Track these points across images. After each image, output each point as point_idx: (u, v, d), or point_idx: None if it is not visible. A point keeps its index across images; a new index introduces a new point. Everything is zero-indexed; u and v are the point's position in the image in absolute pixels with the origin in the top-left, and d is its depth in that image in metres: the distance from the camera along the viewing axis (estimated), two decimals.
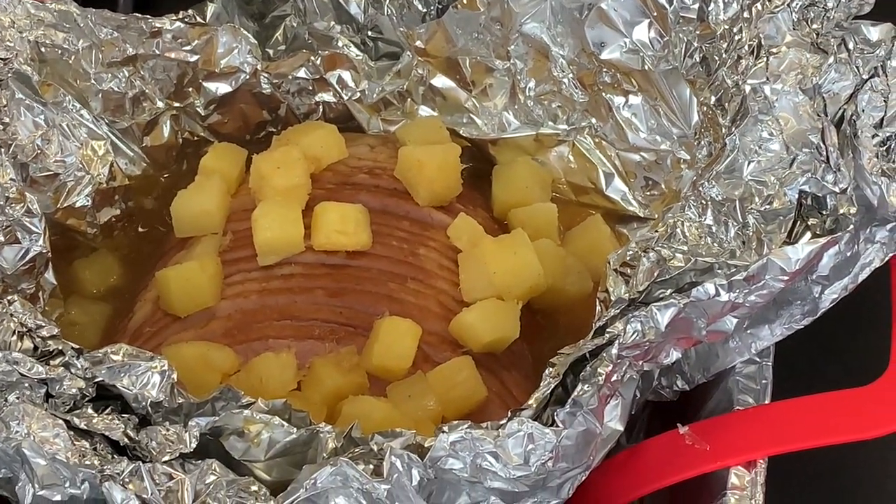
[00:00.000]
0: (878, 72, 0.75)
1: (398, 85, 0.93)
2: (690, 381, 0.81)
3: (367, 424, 0.72)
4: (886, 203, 0.72)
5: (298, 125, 0.92)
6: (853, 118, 0.75)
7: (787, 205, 0.75)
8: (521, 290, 0.83)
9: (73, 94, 0.89)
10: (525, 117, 0.92)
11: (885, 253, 0.75)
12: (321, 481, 0.67)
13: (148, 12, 0.93)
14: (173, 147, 0.93)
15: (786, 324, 0.78)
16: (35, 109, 0.87)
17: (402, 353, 0.80)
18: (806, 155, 0.76)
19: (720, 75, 0.84)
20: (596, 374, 0.70)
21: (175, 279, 0.83)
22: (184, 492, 0.69)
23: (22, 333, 0.74)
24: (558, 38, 0.90)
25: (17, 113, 0.86)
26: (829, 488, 0.88)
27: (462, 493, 0.70)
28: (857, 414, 0.75)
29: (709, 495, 0.75)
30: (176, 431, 0.71)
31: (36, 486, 0.71)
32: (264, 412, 0.70)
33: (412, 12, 0.91)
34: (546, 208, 0.89)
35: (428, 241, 0.87)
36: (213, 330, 0.82)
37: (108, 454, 0.71)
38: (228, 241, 0.86)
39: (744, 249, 0.75)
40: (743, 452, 0.75)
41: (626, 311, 0.73)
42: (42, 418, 0.70)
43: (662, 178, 0.90)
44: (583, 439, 0.70)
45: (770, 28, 0.81)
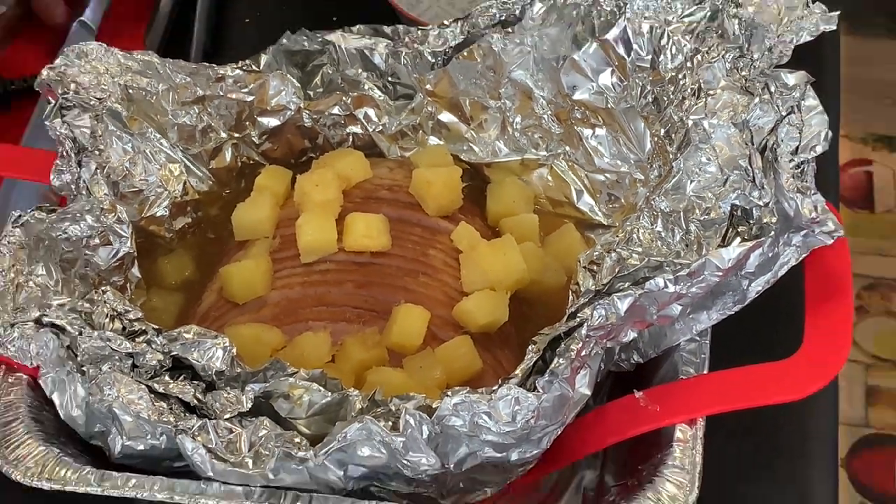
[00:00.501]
0: (794, 110, 0.76)
1: (412, 120, 0.94)
2: (644, 355, 0.82)
3: (386, 390, 0.74)
4: (801, 214, 0.73)
5: (333, 152, 0.93)
6: (774, 146, 0.76)
7: (721, 215, 0.77)
8: (509, 283, 0.85)
9: (155, 126, 0.89)
10: (513, 145, 0.93)
11: (800, 254, 0.76)
12: (350, 435, 0.69)
13: (214, 61, 0.94)
14: (233, 169, 0.93)
15: (720, 310, 0.79)
16: (124, 139, 0.87)
17: (415, 333, 0.81)
18: (736, 176, 0.77)
19: (668, 112, 0.85)
20: (569, 350, 0.72)
21: (235, 274, 0.85)
22: (241, 443, 0.72)
23: (113, 316, 0.76)
24: (539, 83, 0.91)
25: (109, 141, 0.87)
26: (755, 442, 0.88)
27: (462, 444, 0.71)
28: (777, 382, 0.76)
29: (659, 446, 0.76)
30: (235, 395, 0.73)
31: (124, 438, 0.73)
32: (305, 380, 0.72)
33: (423, 62, 0.91)
34: (529, 218, 0.90)
35: (436, 243, 0.88)
36: (264, 314, 0.83)
37: (181, 413, 0.73)
38: (277, 243, 0.88)
39: (687, 251, 0.77)
40: (686, 413, 0.76)
41: (593, 300, 0.74)
42: (129, 384, 0.72)
43: (622, 194, 0.90)
44: (558, 402, 0.72)
45: (708, 75, 0.83)
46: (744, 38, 0.82)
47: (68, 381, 0.74)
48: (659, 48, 0.86)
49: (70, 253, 0.82)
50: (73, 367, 0.74)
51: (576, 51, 0.89)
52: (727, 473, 0.84)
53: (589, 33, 0.88)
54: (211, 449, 0.72)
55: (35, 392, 0.78)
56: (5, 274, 0.78)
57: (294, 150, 0.95)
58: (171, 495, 0.73)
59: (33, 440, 0.76)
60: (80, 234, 0.82)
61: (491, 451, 0.72)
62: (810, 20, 0.80)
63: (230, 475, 0.72)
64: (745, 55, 0.81)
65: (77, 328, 0.74)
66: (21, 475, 0.74)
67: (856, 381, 1.97)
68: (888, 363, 2.00)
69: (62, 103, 0.85)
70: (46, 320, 0.75)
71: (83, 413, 0.74)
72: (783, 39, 0.80)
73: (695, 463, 0.74)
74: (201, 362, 0.73)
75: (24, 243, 0.80)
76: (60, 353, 0.74)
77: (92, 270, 0.83)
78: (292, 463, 0.71)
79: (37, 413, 0.77)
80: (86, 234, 0.83)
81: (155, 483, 0.73)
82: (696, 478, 0.74)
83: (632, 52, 0.87)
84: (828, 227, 0.74)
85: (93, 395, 0.73)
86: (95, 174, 0.85)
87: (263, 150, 0.94)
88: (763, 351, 0.77)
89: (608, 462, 0.84)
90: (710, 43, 0.83)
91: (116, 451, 0.74)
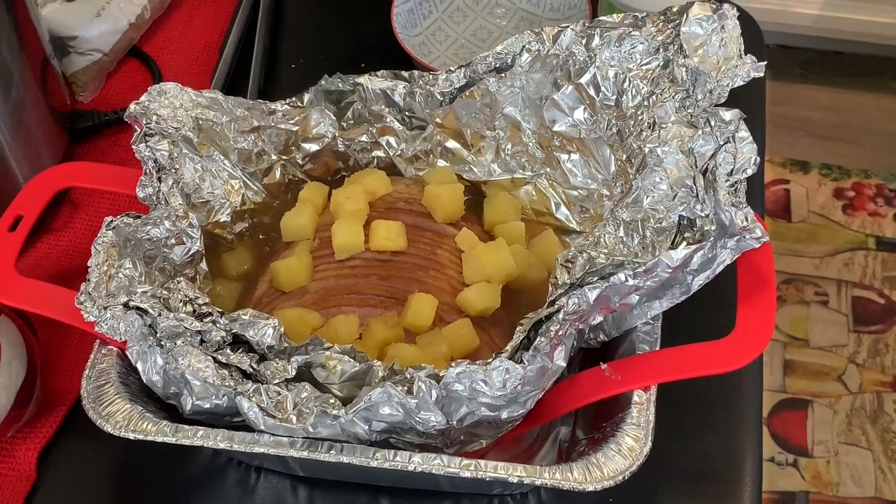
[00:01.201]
0: (730, 140, 0.76)
1: (424, 146, 0.93)
2: (608, 335, 0.81)
3: (403, 362, 0.74)
4: (734, 223, 0.73)
5: (361, 171, 0.93)
6: (713, 169, 0.75)
7: (671, 224, 0.76)
8: (501, 276, 0.84)
9: (219, 150, 0.89)
10: (504, 167, 0.93)
11: (734, 255, 0.76)
12: (374, 397, 0.69)
13: (266, 98, 0.93)
14: (282, 184, 0.92)
15: (670, 300, 0.79)
16: (195, 160, 0.87)
17: (426, 316, 0.80)
18: (683, 192, 0.77)
19: (629, 142, 0.85)
20: (549, 330, 0.72)
21: (282, 268, 0.84)
22: (287, 403, 0.72)
23: (186, 301, 0.76)
24: (526, 117, 0.91)
25: (183, 162, 0.86)
26: (698, 404, 0.88)
27: (463, 405, 0.71)
28: (715, 357, 0.76)
29: (620, 408, 0.76)
30: (282, 364, 0.72)
31: (193, 398, 0.73)
32: (338, 353, 0.72)
33: (433, 100, 0.91)
34: (518, 225, 0.89)
35: (443, 245, 0.87)
36: (306, 300, 0.83)
37: (239, 379, 0.73)
38: (316, 244, 0.87)
39: (643, 252, 0.76)
40: (642, 381, 0.76)
41: (568, 291, 0.74)
42: (198, 355, 0.72)
43: (591, 207, 0.90)
44: (540, 372, 0.71)
45: (661, 111, 0.82)
46: (690, 82, 0.81)
47: (149, 352, 0.74)
48: (622, 90, 0.85)
49: (151, 251, 0.82)
50: (154, 341, 0.74)
51: (555, 92, 0.88)
52: (676, 430, 0.84)
53: (566, 78, 0.87)
54: (263, 407, 0.71)
55: (123, 361, 0.78)
56: (100, 267, 0.78)
57: (330, 170, 0.94)
58: (230, 444, 0.73)
59: (121, 400, 0.76)
60: (159, 236, 0.82)
61: (486, 411, 0.72)
62: (743, 68, 0.79)
63: (278, 429, 0.72)
64: (691, 96, 0.81)
65: (157, 310, 0.74)
66: (111, 427, 0.74)
67: (776, 355, 1.97)
68: (800, 341, 2.00)
69: (146, 131, 0.84)
70: (132, 304, 0.75)
71: (161, 378, 0.74)
72: (721, 83, 0.79)
73: (648, 421, 0.74)
74: (256, 338, 0.73)
75: (115, 242, 0.80)
76: (143, 331, 0.74)
77: (169, 265, 0.83)
78: (328, 419, 0.71)
79: (124, 378, 0.77)
80: (164, 235, 0.82)
81: (218, 434, 0.73)
82: (650, 433, 0.74)
83: (600, 93, 0.87)
84: (756, 234, 0.73)
85: (169, 364, 0.73)
86: (172, 188, 0.84)
87: (306, 170, 0.93)
88: (704, 332, 0.77)
89: (579, 420, 0.84)
90: (663, 86, 0.83)
91: (188, 408, 0.74)
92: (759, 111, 1.09)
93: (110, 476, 0.84)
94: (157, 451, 0.79)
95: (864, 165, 2.26)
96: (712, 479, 0.85)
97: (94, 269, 0.78)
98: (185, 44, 1.14)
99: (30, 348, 0.84)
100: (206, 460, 0.85)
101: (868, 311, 2.03)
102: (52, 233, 0.99)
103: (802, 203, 2.21)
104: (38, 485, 0.84)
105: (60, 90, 1.04)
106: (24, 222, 0.86)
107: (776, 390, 1.93)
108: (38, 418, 0.86)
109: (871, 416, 1.89)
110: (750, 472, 0.85)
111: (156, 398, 0.78)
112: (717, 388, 0.89)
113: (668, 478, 0.84)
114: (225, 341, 0.74)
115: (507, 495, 0.83)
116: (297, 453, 0.72)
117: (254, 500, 0.83)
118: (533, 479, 0.72)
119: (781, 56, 2.42)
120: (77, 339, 0.91)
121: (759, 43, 1.14)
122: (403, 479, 0.80)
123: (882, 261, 2.10)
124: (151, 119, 0.85)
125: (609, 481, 0.71)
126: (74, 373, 0.81)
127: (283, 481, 0.84)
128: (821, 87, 2.40)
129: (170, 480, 0.84)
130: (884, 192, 2.22)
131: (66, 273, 0.95)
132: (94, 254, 0.79)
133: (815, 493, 1.80)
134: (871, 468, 1.82)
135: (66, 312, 0.79)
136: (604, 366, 0.77)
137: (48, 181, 0.89)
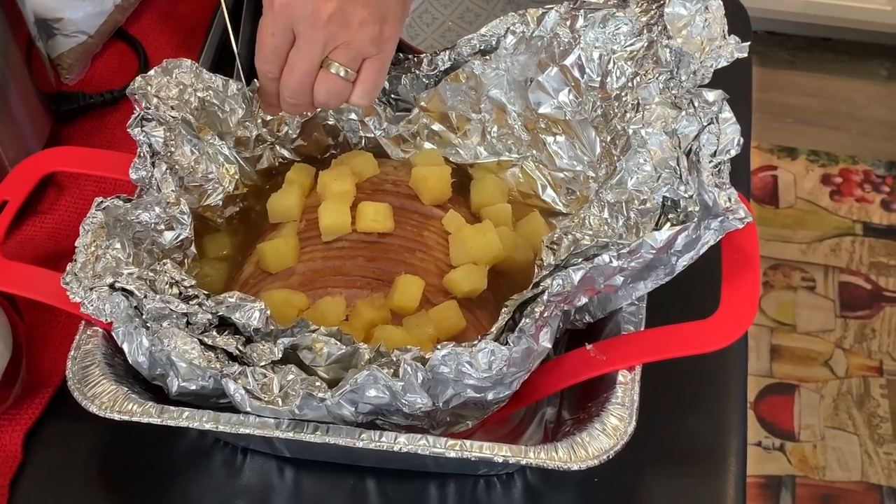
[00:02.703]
0: (713, 121, 0.76)
1: (410, 128, 0.93)
2: (593, 316, 0.81)
3: (389, 344, 0.74)
4: (717, 204, 0.73)
5: (348, 153, 0.93)
6: (697, 150, 0.76)
7: (655, 205, 0.77)
8: (487, 258, 0.84)
9: (217, 134, 0.89)
10: (491, 150, 0.93)
11: (717, 236, 0.75)
12: (360, 380, 0.69)
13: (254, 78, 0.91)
14: (273, 168, 0.93)
15: (654, 280, 0.79)
16: (192, 142, 0.87)
17: (413, 298, 0.81)
18: (667, 174, 0.77)
19: (613, 123, 0.85)
20: (534, 312, 0.72)
21: (269, 249, 0.84)
22: (273, 385, 0.72)
23: (172, 283, 0.76)
24: (511, 100, 0.91)
25: (180, 143, 0.86)
26: (680, 383, 0.88)
27: (449, 387, 0.71)
28: (700, 336, 0.76)
29: (605, 388, 0.76)
30: (269, 347, 0.72)
31: (179, 380, 0.73)
32: (325, 335, 0.72)
33: (419, 83, 0.91)
34: (504, 207, 0.90)
35: (430, 227, 0.87)
36: (292, 282, 0.83)
37: (225, 361, 0.73)
38: (303, 225, 0.87)
39: (628, 234, 0.77)
40: (626, 361, 0.76)
41: (553, 272, 0.74)
42: (184, 337, 0.72)
43: (577, 188, 0.90)
44: (525, 353, 0.72)
45: (645, 93, 0.82)
46: (674, 63, 0.81)
47: (135, 333, 0.74)
48: (606, 71, 0.85)
49: (141, 233, 0.82)
50: (140, 323, 0.74)
51: (540, 74, 0.88)
52: (661, 412, 0.84)
53: (551, 60, 0.88)
54: (249, 390, 0.71)
55: (108, 343, 0.78)
56: (87, 248, 0.78)
57: (321, 146, 0.94)
58: (216, 425, 0.73)
59: (107, 381, 0.76)
60: (149, 220, 0.82)
61: (472, 392, 0.72)
62: (727, 49, 0.79)
63: (264, 410, 0.72)
64: (675, 77, 0.81)
65: (143, 292, 0.74)
66: (97, 408, 0.74)
67: (762, 340, 1.98)
68: (787, 327, 2.00)
69: (144, 115, 0.84)
70: (118, 285, 0.75)
71: (147, 359, 0.74)
72: (705, 64, 0.79)
73: (633, 400, 0.74)
74: (242, 321, 0.73)
75: (105, 223, 0.80)
76: (129, 312, 0.74)
77: (157, 248, 0.83)
78: (314, 401, 0.71)
79: (109, 360, 0.77)
80: (154, 220, 0.82)
81: (203, 415, 0.74)
82: (634, 412, 0.74)
83: (585, 74, 0.87)
84: (739, 215, 0.74)
85: (155, 346, 0.73)
86: (165, 174, 0.84)
87: (296, 146, 0.93)
88: (689, 313, 0.77)
89: (565, 401, 0.84)
90: (647, 67, 0.83)
91: (174, 390, 0.74)
92: (746, 97, 1.10)
93: (96, 457, 0.85)
94: (143, 433, 0.80)
95: (852, 152, 2.27)
96: (697, 460, 0.85)
97: (82, 249, 0.78)
98: (171, 26, 1.14)
99: (15, 330, 0.84)
100: (192, 442, 0.85)
101: (855, 297, 2.04)
102: (38, 215, 0.99)
103: (790, 189, 2.22)
104: (24, 466, 0.84)
105: (46, 72, 1.04)
106: (8, 207, 0.86)
107: (763, 375, 1.93)
108: (23, 400, 0.86)
109: (858, 401, 1.90)
110: (735, 453, 0.86)
111: (141, 379, 0.78)
112: (703, 369, 0.89)
113: (653, 459, 0.84)
114: (211, 323, 0.74)
115: (493, 476, 0.83)
116: (283, 434, 0.72)
117: (240, 482, 0.83)
118: (518, 459, 0.72)
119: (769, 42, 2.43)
120: (63, 321, 0.91)
121: (746, 29, 1.14)
122: (389, 460, 0.80)
123: (869, 246, 2.11)
124: (151, 103, 0.85)
125: (593, 461, 0.72)
126: (60, 355, 0.81)
127: (270, 462, 0.84)
128: (808, 74, 2.40)
129: (156, 462, 0.84)
130: (871, 178, 2.23)
131: (51, 255, 0.95)
132: (81, 234, 0.79)
133: (801, 477, 1.81)
134: (858, 452, 1.83)
135: (51, 295, 0.79)
136: (589, 346, 0.77)
137: (34, 166, 0.89)
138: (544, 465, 0.72)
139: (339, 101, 0.81)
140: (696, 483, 0.84)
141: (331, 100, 0.80)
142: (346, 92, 0.80)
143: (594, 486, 0.82)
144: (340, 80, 0.79)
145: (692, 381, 0.89)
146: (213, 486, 0.83)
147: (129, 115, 0.84)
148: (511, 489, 0.82)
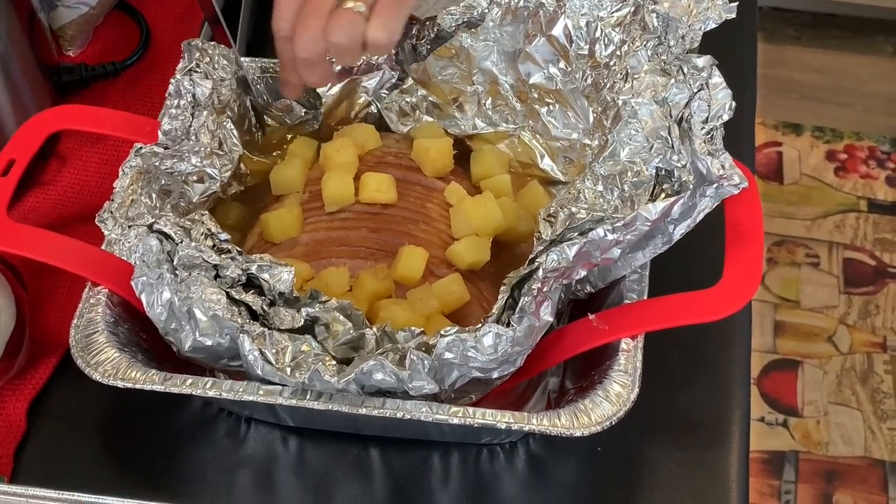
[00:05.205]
0: (703, 87, 0.75)
1: (410, 100, 0.93)
2: (594, 286, 0.82)
3: (395, 323, 0.75)
4: (711, 171, 0.73)
5: (351, 125, 0.93)
6: (688, 118, 0.76)
7: (648, 177, 0.77)
8: (489, 230, 0.85)
9: (232, 119, 0.88)
10: (487, 121, 0.93)
11: (713, 203, 0.75)
12: (367, 368, 0.71)
13: (256, 53, 0.94)
14: (283, 140, 0.94)
15: (652, 250, 0.79)
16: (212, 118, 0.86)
17: (416, 269, 0.81)
18: (659, 143, 0.77)
19: (603, 94, 0.85)
20: (531, 289, 0.72)
21: (272, 219, 0.85)
22: (287, 353, 0.72)
23: (207, 235, 0.76)
24: (503, 71, 0.91)
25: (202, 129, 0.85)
26: (684, 354, 0.88)
27: (455, 370, 0.72)
28: (703, 305, 0.76)
29: (608, 355, 0.77)
30: (291, 314, 0.73)
31: (196, 334, 0.73)
32: (336, 308, 0.73)
33: (410, 54, 0.92)
34: (504, 178, 0.90)
35: (432, 198, 0.88)
36: (296, 252, 0.84)
37: (248, 319, 0.74)
38: (307, 196, 0.87)
39: (623, 206, 0.77)
40: (629, 330, 0.76)
41: (548, 247, 0.74)
42: (211, 286, 0.73)
43: (574, 156, 0.90)
44: (528, 331, 0.72)
45: (633, 61, 0.82)
46: (661, 29, 0.81)
47: (157, 284, 0.74)
48: (594, 39, 0.85)
49: (168, 185, 0.82)
50: (169, 268, 0.74)
51: (528, 44, 0.88)
52: (665, 383, 0.85)
53: (538, 30, 0.87)
54: (263, 352, 0.72)
55: (111, 310, 0.79)
56: (125, 190, 0.80)
57: None
58: (219, 392, 0.74)
59: (110, 348, 0.76)
60: (183, 170, 0.82)
61: (477, 373, 0.73)
62: (715, 10, 0.79)
63: (273, 376, 0.72)
64: (663, 43, 0.81)
65: (179, 237, 0.74)
66: (100, 376, 0.75)
67: (766, 316, 1.98)
68: (791, 303, 2.01)
69: (193, 67, 0.85)
70: (157, 227, 0.75)
71: (165, 311, 0.74)
72: (693, 28, 0.79)
73: (636, 368, 0.75)
74: (269, 283, 0.73)
75: (142, 168, 0.81)
76: (160, 257, 0.74)
77: (184, 202, 0.83)
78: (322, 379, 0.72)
79: (113, 328, 0.78)
80: (188, 170, 0.83)
81: (206, 382, 0.74)
82: (637, 379, 0.74)
83: (573, 43, 0.86)
84: (734, 181, 0.73)
85: (180, 293, 0.73)
86: (204, 124, 0.84)
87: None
88: (690, 282, 0.77)
89: (568, 370, 0.85)
90: (635, 34, 0.83)
91: (187, 345, 0.74)
92: (750, 73, 1.10)
93: (100, 427, 0.85)
94: (147, 402, 0.81)
95: (857, 128, 2.27)
96: (701, 431, 0.86)
97: (120, 191, 0.80)
98: None
99: (18, 300, 0.85)
100: (196, 411, 0.85)
101: (859, 273, 2.05)
102: (41, 186, 0.99)
103: (794, 165, 2.22)
104: (28, 435, 0.85)
105: (48, 44, 1.04)
106: (16, 166, 0.85)
107: (767, 351, 1.94)
108: (27, 370, 0.87)
109: (861, 377, 1.91)
110: (738, 422, 0.86)
111: (145, 348, 0.78)
112: (706, 341, 0.89)
113: (657, 429, 0.85)
114: (238, 280, 0.74)
115: (496, 444, 0.83)
116: (287, 401, 0.73)
117: (244, 451, 0.84)
118: (521, 426, 0.73)
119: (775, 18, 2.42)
120: (66, 290, 0.91)
121: (751, 4, 1.13)
122: (392, 428, 0.81)
123: (873, 223, 2.12)
124: (201, 60, 0.85)
125: (596, 427, 0.72)
126: (63, 324, 0.81)
127: (274, 432, 0.84)
128: (814, 50, 2.40)
129: (160, 431, 0.84)
130: (876, 154, 2.23)
131: (54, 226, 0.95)
132: (120, 176, 0.81)
133: (804, 453, 1.82)
134: (861, 428, 1.84)
135: (58, 257, 0.80)
136: (592, 316, 0.77)
137: (41, 124, 0.89)
138: (547, 431, 0.72)
139: (353, 38, 0.78)
140: (699, 453, 0.84)
141: (344, 36, 0.78)
142: (360, 25, 0.77)
143: (598, 455, 0.83)
144: (353, 13, 0.77)
145: (696, 354, 0.89)
146: (217, 455, 0.84)
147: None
148: (514, 458, 0.83)
